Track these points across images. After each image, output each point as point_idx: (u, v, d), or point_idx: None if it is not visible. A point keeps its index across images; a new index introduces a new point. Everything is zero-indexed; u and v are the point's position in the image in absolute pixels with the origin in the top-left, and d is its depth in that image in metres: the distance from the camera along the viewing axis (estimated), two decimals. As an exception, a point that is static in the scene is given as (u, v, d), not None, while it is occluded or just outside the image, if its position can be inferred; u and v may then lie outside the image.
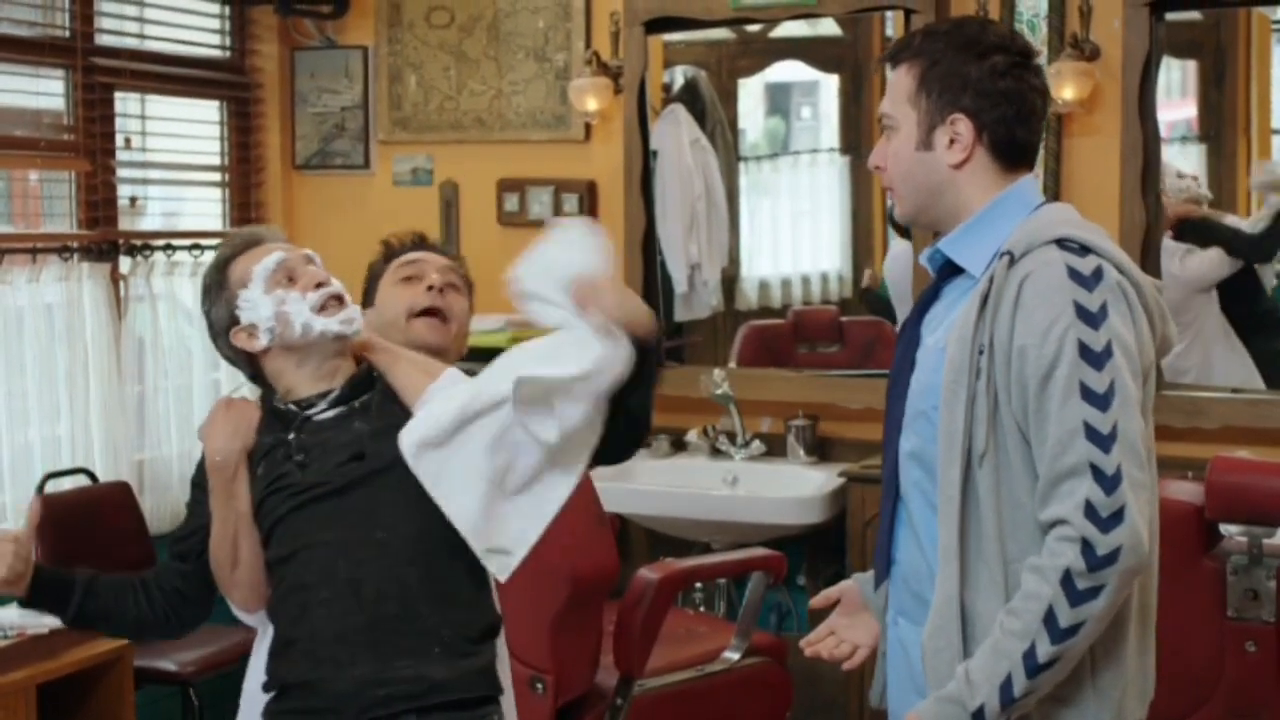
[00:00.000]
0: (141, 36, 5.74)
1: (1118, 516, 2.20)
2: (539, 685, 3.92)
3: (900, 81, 2.48)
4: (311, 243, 5.59)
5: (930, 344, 2.47)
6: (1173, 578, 3.57)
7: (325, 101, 6.11)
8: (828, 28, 5.75)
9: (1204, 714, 3.63)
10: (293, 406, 2.73)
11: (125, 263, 5.49)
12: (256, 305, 2.68)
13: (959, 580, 2.34)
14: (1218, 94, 5.33)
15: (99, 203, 5.42)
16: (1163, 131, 4.92)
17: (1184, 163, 5.22)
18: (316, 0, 6.00)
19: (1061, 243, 2.32)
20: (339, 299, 2.71)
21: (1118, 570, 2.21)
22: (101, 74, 5.41)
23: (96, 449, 5.30)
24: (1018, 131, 2.45)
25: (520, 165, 5.85)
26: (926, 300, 2.55)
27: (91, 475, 5.26)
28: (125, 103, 5.63)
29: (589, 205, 5.72)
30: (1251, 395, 4.88)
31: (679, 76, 5.96)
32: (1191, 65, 5.37)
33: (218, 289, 2.75)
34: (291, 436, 2.70)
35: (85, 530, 5.08)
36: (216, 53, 6.09)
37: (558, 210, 5.76)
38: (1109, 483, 2.21)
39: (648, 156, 5.60)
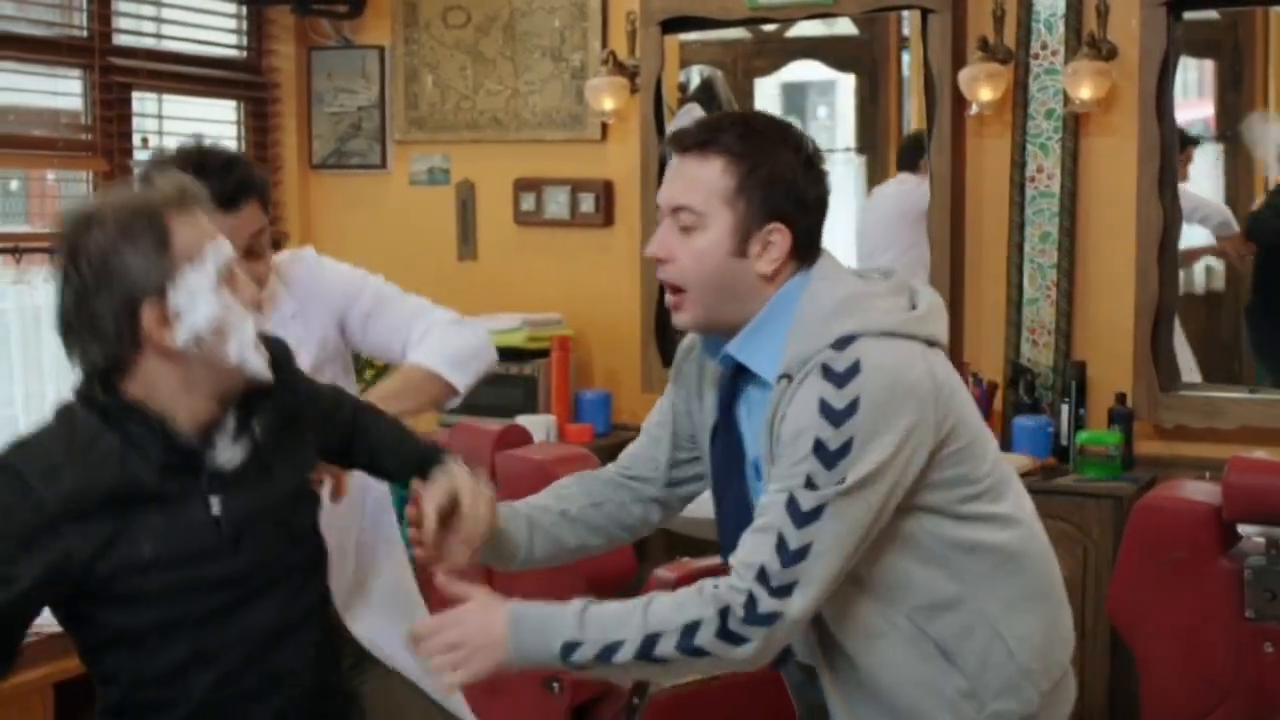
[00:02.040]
0: (159, 36, 5.75)
1: (786, 590, 2.21)
2: (555, 685, 3.93)
3: (710, 177, 2.36)
4: (329, 242, 5.62)
5: (752, 459, 2.45)
6: (1190, 578, 3.57)
7: (342, 101, 6.12)
8: (844, 27, 5.75)
9: (1220, 715, 3.62)
10: (186, 440, 2.20)
11: (142, 262, 5.50)
12: (196, 299, 2.16)
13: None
14: (1235, 94, 5.32)
15: (116, 202, 5.42)
16: (1179, 131, 4.91)
17: (1201, 162, 5.21)
18: (333, 0, 6.01)
19: (830, 345, 2.28)
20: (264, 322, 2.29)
21: (766, 633, 2.22)
22: (119, 74, 5.42)
23: (114, 448, 5.30)
24: (814, 240, 2.41)
25: (537, 165, 5.85)
26: (726, 400, 2.48)
27: (109, 474, 5.26)
28: (142, 103, 5.64)
29: (605, 205, 5.72)
30: (1268, 395, 4.86)
31: (695, 76, 5.95)
32: (1209, 65, 5.36)
33: (153, 242, 2.15)
34: (209, 496, 2.22)
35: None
36: (233, 53, 6.10)
37: (574, 209, 5.76)
38: (791, 559, 2.21)
39: (664, 156, 5.59)
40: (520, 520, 2.64)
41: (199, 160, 2.79)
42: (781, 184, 2.35)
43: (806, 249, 2.39)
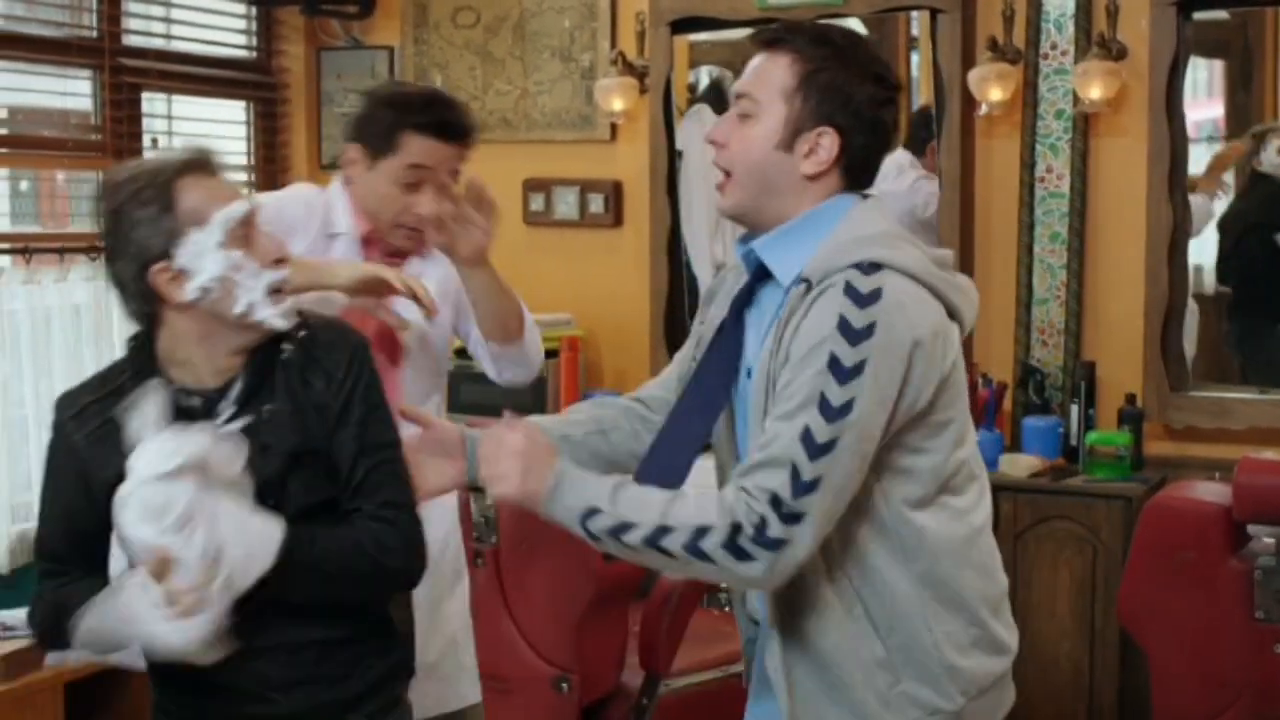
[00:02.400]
0: (168, 37, 5.76)
1: (796, 519, 2.25)
2: (564, 684, 3.93)
3: (776, 71, 2.43)
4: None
5: (748, 362, 2.49)
6: (1200, 579, 3.57)
7: (352, 102, 6.11)
8: (852, 28, 5.74)
9: (1231, 716, 3.61)
10: (194, 403, 2.37)
11: (152, 263, 5.51)
12: (203, 256, 2.31)
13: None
14: (1245, 94, 5.30)
15: (126, 203, 5.44)
16: (1189, 131, 4.90)
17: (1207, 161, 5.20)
18: (342, 1, 6.01)
19: (856, 265, 2.33)
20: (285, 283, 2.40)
21: (773, 557, 2.25)
22: (129, 74, 5.43)
23: (123, 448, 5.31)
24: (872, 160, 2.48)
25: (546, 165, 5.85)
26: (741, 301, 2.53)
27: (119, 474, 5.27)
28: (152, 103, 5.65)
29: (614, 205, 5.72)
30: (1278, 396, 4.85)
31: (704, 76, 5.95)
32: (1218, 65, 5.35)
33: (160, 207, 2.32)
34: None
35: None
36: (243, 53, 6.11)
37: (583, 210, 5.77)
38: (800, 487, 2.25)
39: (673, 156, 5.59)
40: None
41: (442, 95, 3.26)
42: (840, 93, 2.40)
43: (856, 167, 2.45)
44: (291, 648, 2.43)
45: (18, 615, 4.47)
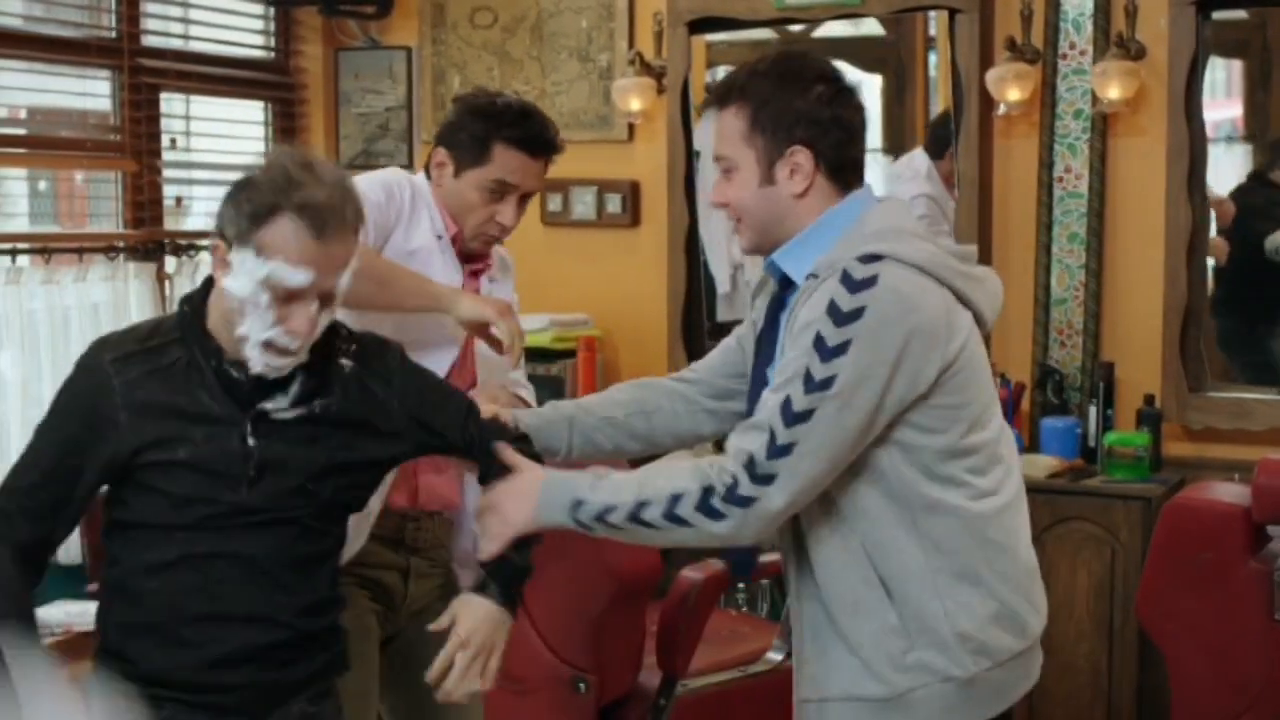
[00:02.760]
0: (187, 38, 5.77)
1: (767, 479, 2.41)
2: (582, 685, 3.93)
3: (731, 124, 2.60)
4: (355, 243, 5.64)
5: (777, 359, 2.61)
6: (1219, 580, 3.56)
7: (369, 102, 6.13)
8: (870, 28, 5.74)
9: (1249, 718, 3.61)
10: (241, 377, 2.49)
11: (170, 262, 5.52)
12: (241, 273, 2.41)
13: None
14: (1264, 94, 5.29)
15: (145, 203, 5.45)
16: (1208, 131, 4.89)
17: (1229, 163, 5.19)
18: (360, 1, 6.02)
19: (858, 256, 2.46)
20: (291, 352, 2.48)
21: (742, 514, 2.44)
22: (147, 75, 5.44)
23: (142, 448, 5.32)
24: (849, 152, 2.61)
25: (563, 165, 5.74)
26: (775, 309, 2.68)
27: (137, 474, 5.28)
28: (170, 103, 5.66)
29: (632, 205, 5.72)
30: (1298, 397, 4.85)
31: (722, 76, 5.95)
32: (1237, 65, 5.34)
33: (250, 217, 2.41)
34: (249, 435, 2.51)
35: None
36: (261, 54, 6.12)
37: (601, 210, 5.77)
38: (774, 450, 2.41)
39: (690, 157, 5.59)
40: (561, 422, 2.89)
41: (532, 109, 3.32)
42: (789, 112, 2.55)
43: (837, 167, 2.59)
44: (248, 651, 2.57)
45: (37, 614, 4.48)
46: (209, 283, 2.53)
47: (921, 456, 2.50)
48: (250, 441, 2.50)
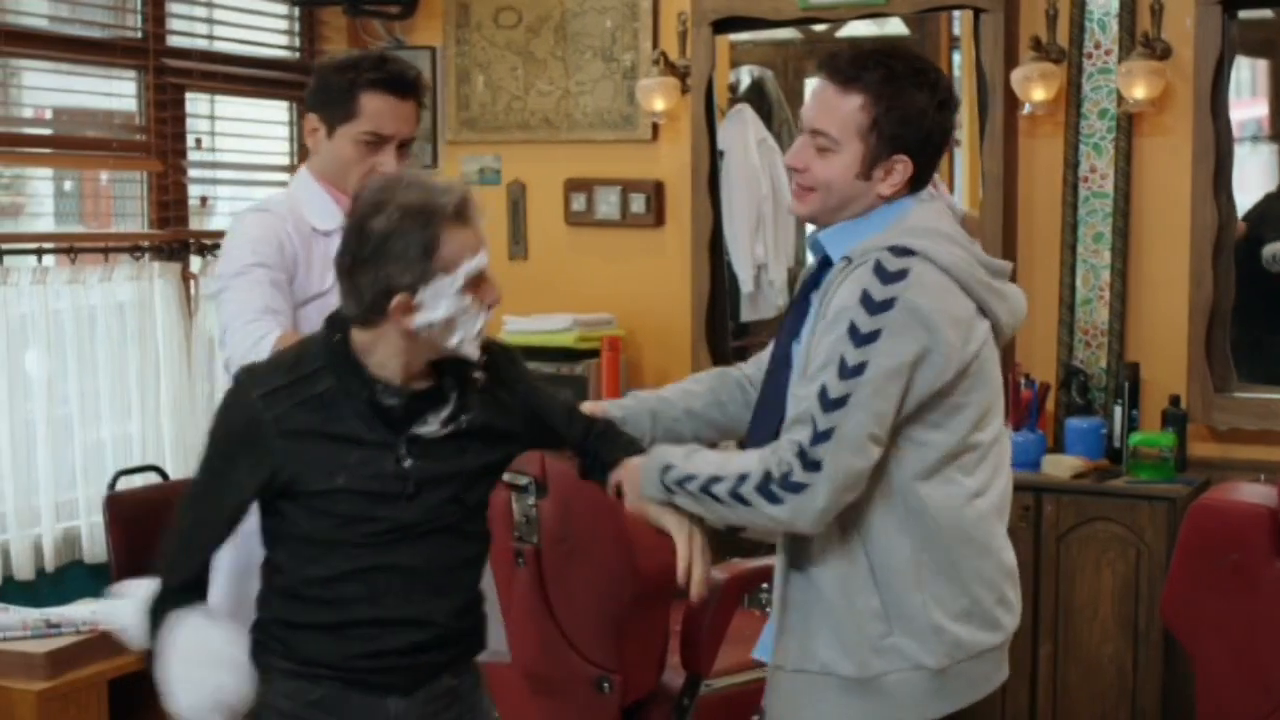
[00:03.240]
0: (212, 38, 5.78)
1: (815, 466, 2.54)
2: (605, 685, 3.93)
3: (850, 112, 2.68)
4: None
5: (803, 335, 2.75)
6: (1245, 581, 3.55)
7: (393, 102, 6.13)
8: (895, 27, 5.73)
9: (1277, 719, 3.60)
10: (393, 403, 2.65)
11: (195, 262, 5.54)
12: (439, 300, 2.57)
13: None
14: (1290, 94, 5.29)
15: (170, 203, 5.47)
16: (1233, 131, 4.88)
17: (1255, 163, 5.17)
18: (385, 1, 6.03)
19: (890, 248, 2.60)
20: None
21: (796, 500, 2.55)
22: (173, 75, 5.46)
23: (167, 447, 5.34)
24: (932, 169, 2.76)
25: (587, 165, 5.86)
26: (809, 284, 2.81)
27: (162, 473, 5.29)
28: (195, 103, 5.68)
29: (656, 205, 5.72)
30: (1325, 397, 4.83)
31: (745, 76, 5.95)
32: (1262, 64, 5.32)
33: (422, 251, 2.55)
34: (404, 456, 2.66)
35: (155, 527, 5.09)
36: (286, 54, 6.14)
37: (625, 210, 5.77)
38: (817, 436, 2.55)
39: (714, 156, 5.59)
40: (644, 414, 3.03)
41: (389, 54, 3.41)
42: (910, 124, 2.67)
43: (922, 179, 2.73)
44: (405, 648, 2.73)
45: (62, 612, 4.50)
46: (366, 324, 2.61)
47: (925, 453, 2.63)
48: (406, 463, 2.65)
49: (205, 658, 2.66)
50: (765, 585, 5.14)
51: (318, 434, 2.62)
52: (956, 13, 5.40)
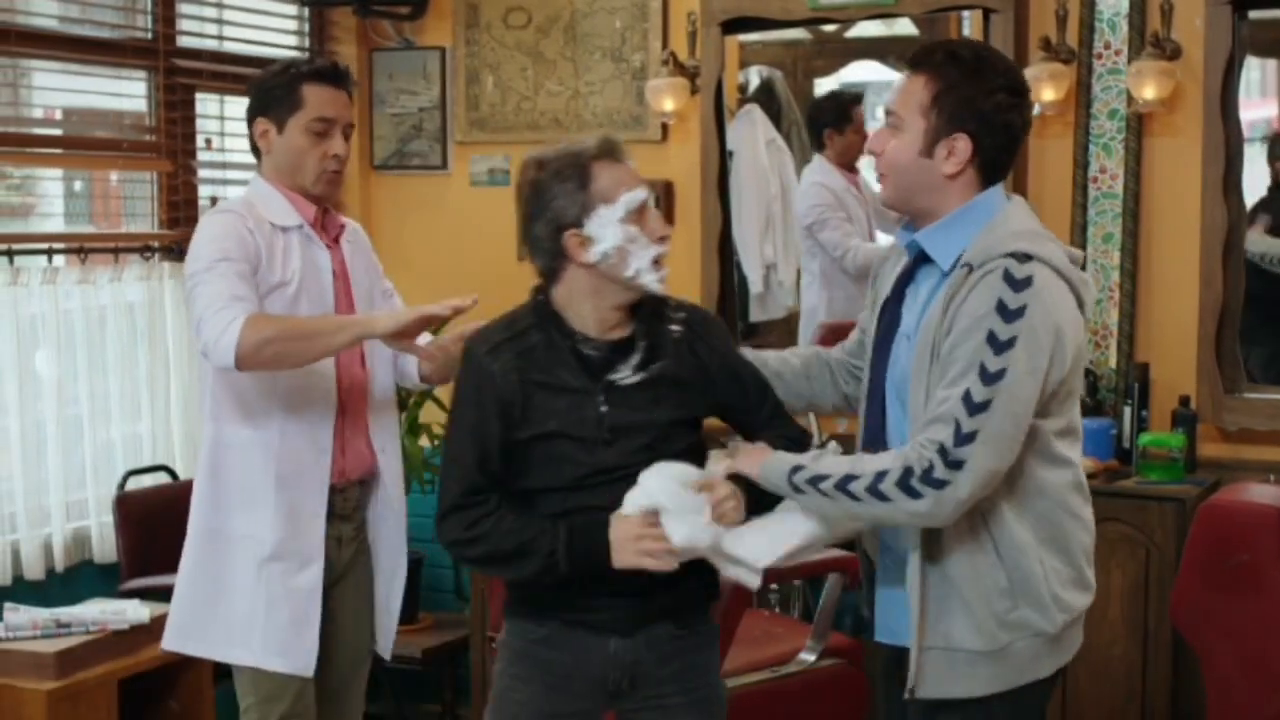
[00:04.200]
0: (221, 39, 5.79)
1: (958, 465, 2.72)
2: (615, 685, 3.93)
3: (916, 91, 2.90)
4: (389, 243, 5.65)
5: (904, 330, 2.96)
6: (1255, 582, 3.55)
7: (403, 102, 6.14)
8: (904, 28, 5.73)
9: (1286, 720, 3.60)
10: (593, 353, 2.96)
11: (205, 262, 5.54)
12: (606, 226, 2.89)
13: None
14: (1300, 94, 5.28)
15: (180, 203, 5.47)
16: (1243, 131, 4.87)
17: (1264, 163, 5.16)
18: (395, 2, 6.03)
19: (1011, 254, 2.78)
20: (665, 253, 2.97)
21: (937, 494, 2.73)
22: (182, 76, 5.47)
23: (177, 446, 5.35)
24: (1003, 157, 2.94)
25: (597, 165, 5.85)
26: (903, 281, 3.01)
27: (172, 472, 5.31)
28: (205, 104, 5.68)
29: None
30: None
31: (755, 77, 5.95)
32: (1272, 64, 5.31)
33: (577, 184, 2.90)
34: (602, 402, 2.95)
35: (165, 526, 5.11)
36: (295, 54, 6.13)
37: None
38: (960, 438, 2.72)
39: (724, 157, 5.59)
40: None
41: (322, 53, 3.74)
42: (969, 105, 2.85)
43: (990, 164, 2.91)
44: (617, 586, 2.97)
45: (72, 612, 4.51)
46: (555, 273, 2.97)
47: (1041, 438, 2.83)
48: (603, 409, 2.94)
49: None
50: (775, 586, 5.15)
51: (533, 383, 2.94)
52: (966, 13, 5.40)
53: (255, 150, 3.73)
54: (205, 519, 3.66)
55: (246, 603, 3.61)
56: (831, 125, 5.62)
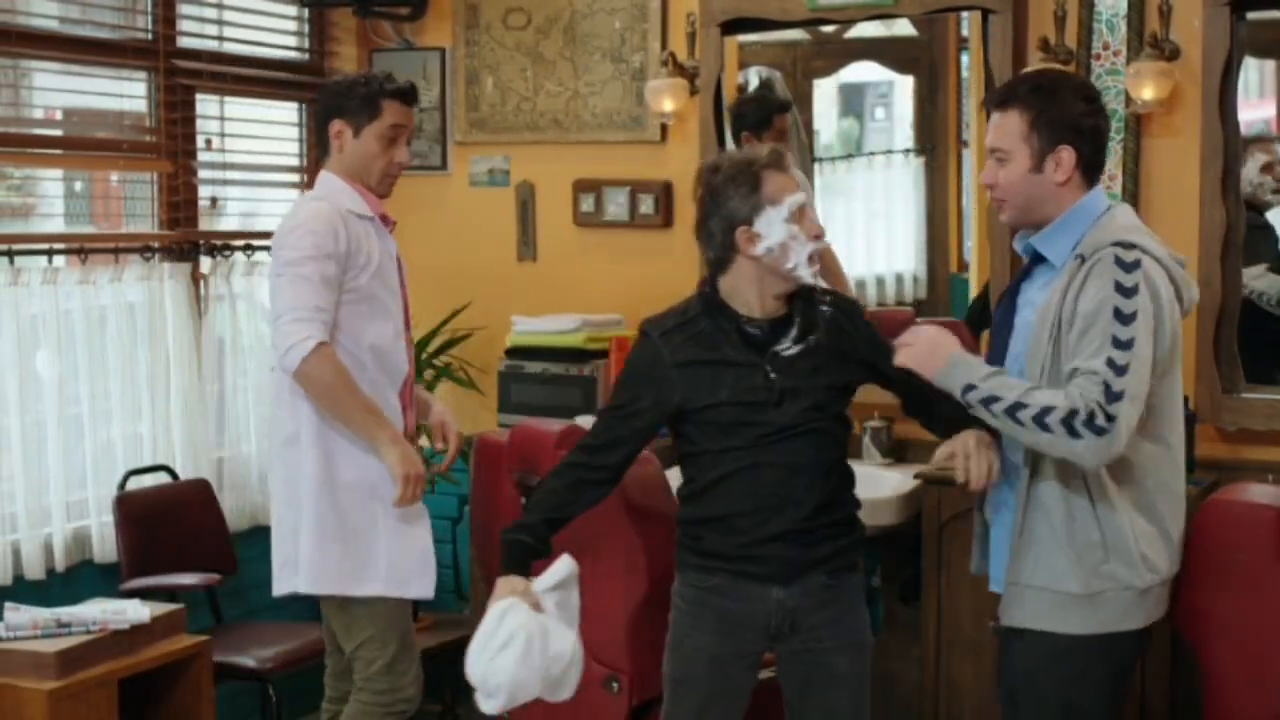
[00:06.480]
0: (222, 39, 5.79)
1: (1111, 418, 3.13)
2: (615, 684, 3.94)
3: (1012, 124, 3.34)
4: (389, 243, 5.65)
5: (1022, 320, 3.40)
6: (1254, 582, 3.55)
7: (403, 103, 6.13)
8: (903, 28, 5.74)
9: (1285, 720, 3.60)
10: (756, 331, 3.44)
11: (205, 263, 5.55)
12: (773, 225, 3.36)
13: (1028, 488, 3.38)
14: (1298, 94, 5.28)
15: (180, 204, 5.48)
16: (1242, 132, 4.87)
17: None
18: (395, 2, 6.04)
19: (1117, 244, 3.22)
20: (820, 250, 3.43)
21: (1095, 440, 3.13)
22: (183, 76, 5.48)
23: (177, 447, 5.36)
24: (1099, 157, 3.40)
25: (596, 166, 5.87)
26: (1020, 278, 3.48)
27: (172, 473, 5.31)
28: (205, 105, 5.69)
29: (664, 206, 5.73)
30: (1333, 398, 4.82)
31: (754, 77, 5.95)
32: (1270, 65, 5.32)
33: (749, 188, 3.38)
34: (769, 370, 3.42)
35: (165, 526, 5.14)
36: (296, 55, 6.15)
37: (634, 210, 5.78)
38: (1112, 396, 3.13)
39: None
40: None
41: (398, 76, 4.22)
42: (1061, 120, 3.31)
43: (1092, 165, 3.37)
44: (779, 534, 3.47)
45: (73, 612, 4.52)
46: (723, 263, 3.45)
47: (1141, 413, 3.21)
48: (771, 376, 3.42)
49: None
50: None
51: (703, 361, 3.43)
52: (965, 14, 5.40)
53: (323, 146, 4.17)
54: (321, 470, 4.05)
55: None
56: (751, 128, 5.58)
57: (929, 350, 3.34)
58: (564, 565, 3.43)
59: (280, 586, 4.13)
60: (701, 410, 3.45)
